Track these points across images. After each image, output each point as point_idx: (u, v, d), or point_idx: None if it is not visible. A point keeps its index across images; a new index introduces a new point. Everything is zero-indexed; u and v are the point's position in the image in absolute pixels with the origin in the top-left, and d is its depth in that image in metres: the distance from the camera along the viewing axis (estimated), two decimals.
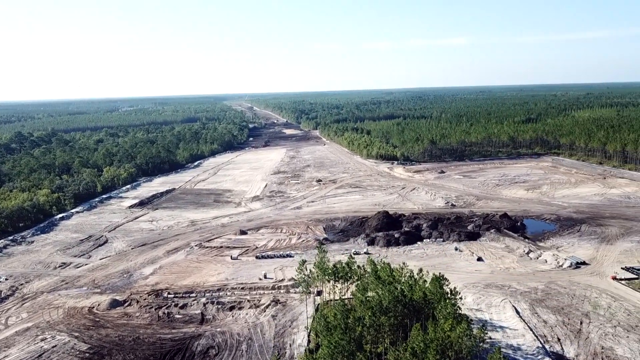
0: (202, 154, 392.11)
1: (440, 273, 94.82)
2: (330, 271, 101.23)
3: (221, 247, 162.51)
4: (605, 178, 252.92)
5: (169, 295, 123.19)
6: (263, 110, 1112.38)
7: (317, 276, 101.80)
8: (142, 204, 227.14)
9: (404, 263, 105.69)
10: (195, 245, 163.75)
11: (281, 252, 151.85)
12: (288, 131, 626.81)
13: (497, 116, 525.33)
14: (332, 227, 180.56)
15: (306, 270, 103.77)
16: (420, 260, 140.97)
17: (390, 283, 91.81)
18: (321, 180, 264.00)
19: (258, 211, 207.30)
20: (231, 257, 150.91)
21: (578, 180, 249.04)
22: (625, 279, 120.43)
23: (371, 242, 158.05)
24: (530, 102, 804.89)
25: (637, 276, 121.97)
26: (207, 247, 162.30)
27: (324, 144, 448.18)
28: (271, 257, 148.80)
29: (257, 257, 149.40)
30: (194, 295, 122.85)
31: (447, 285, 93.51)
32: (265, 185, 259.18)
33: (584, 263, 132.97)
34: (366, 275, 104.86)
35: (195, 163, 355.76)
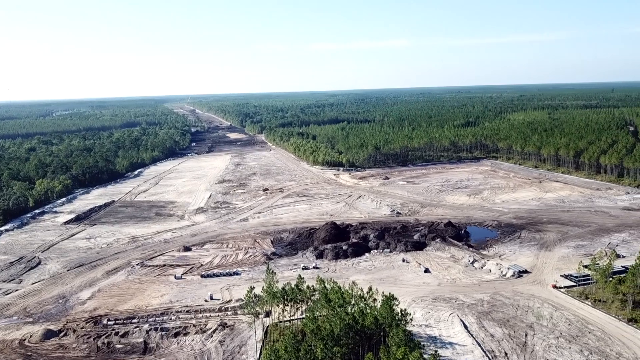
0: (142, 162, 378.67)
1: (390, 293, 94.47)
2: (279, 295, 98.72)
3: (164, 265, 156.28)
4: (541, 182, 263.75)
5: (109, 322, 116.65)
6: (206, 114, 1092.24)
7: (266, 301, 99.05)
8: (78, 219, 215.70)
9: (353, 282, 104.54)
10: (137, 265, 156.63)
11: (227, 270, 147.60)
12: (232, 135, 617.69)
13: (437, 120, 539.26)
14: (280, 240, 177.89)
15: (254, 297, 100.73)
16: (368, 273, 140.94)
17: (342, 306, 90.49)
18: (268, 189, 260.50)
19: (202, 224, 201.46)
20: (175, 276, 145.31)
21: (516, 185, 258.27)
22: (564, 287, 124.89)
23: (320, 255, 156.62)
24: (469, 104, 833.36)
25: (575, 283, 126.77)
26: (149, 266, 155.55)
27: (270, 150, 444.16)
28: (217, 276, 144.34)
29: (202, 276, 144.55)
30: (135, 321, 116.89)
31: (397, 305, 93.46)
32: (210, 196, 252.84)
33: (525, 271, 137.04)
34: (316, 294, 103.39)
35: (136, 172, 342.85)
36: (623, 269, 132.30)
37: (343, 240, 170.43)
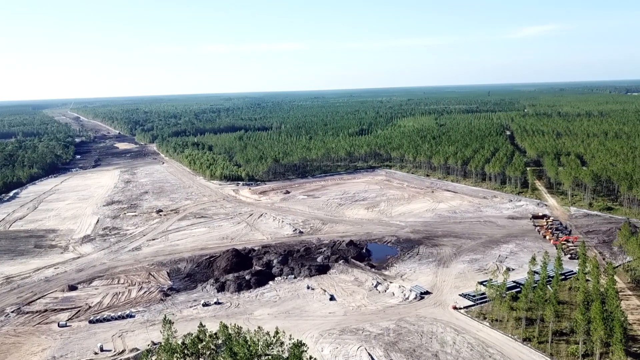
0: (19, 181, 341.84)
1: (298, 340, 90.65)
2: (179, 350, 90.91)
3: (46, 310, 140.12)
4: (433, 192, 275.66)
5: None
6: (92, 121, 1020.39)
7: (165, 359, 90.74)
8: None
9: (260, 327, 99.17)
10: (12, 312, 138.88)
11: (120, 313, 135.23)
12: (121, 146, 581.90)
13: (333, 128, 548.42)
14: (177, 271, 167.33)
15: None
16: (273, 306, 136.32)
17: (249, 359, 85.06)
18: (162, 211, 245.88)
19: (90, 256, 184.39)
20: (59, 323, 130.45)
21: (411, 195, 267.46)
22: (464, 308, 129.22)
23: (221, 288, 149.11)
24: (361, 110, 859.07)
25: (473, 303, 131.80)
26: (27, 313, 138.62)
27: (163, 163, 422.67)
28: (108, 320, 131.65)
29: (90, 322, 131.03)
30: None
31: (306, 350, 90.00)
32: (97, 221, 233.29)
33: (427, 292, 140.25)
34: (219, 341, 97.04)
35: (11, 194, 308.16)
36: (514, 284, 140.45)
37: (246, 268, 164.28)
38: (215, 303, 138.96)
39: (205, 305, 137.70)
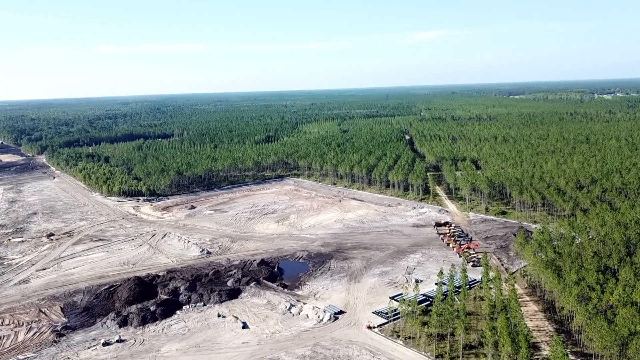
0: None
1: None
2: None
3: None
4: (340, 201, 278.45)
5: None
6: None
7: None
8: None
9: None
10: None
11: None
12: (4, 158, 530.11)
13: (239, 135, 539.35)
14: (72, 306, 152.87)
15: None
16: (182, 339, 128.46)
17: None
18: (53, 235, 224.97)
19: None
20: None
21: (320, 206, 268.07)
22: (378, 326, 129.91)
23: (123, 322, 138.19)
24: (266, 115, 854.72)
25: (386, 320, 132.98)
26: None
27: (54, 178, 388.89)
28: None
29: None
30: None
31: None
32: None
33: (341, 312, 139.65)
34: None
35: None
36: (424, 297, 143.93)
37: (150, 297, 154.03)
38: (118, 341, 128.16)
39: (105, 344, 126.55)
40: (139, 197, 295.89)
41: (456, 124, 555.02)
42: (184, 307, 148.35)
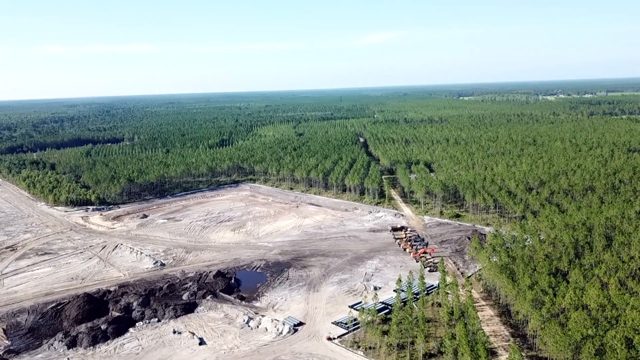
0: None
1: None
2: None
3: None
4: (298, 206, 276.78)
5: None
6: None
7: None
8: None
9: None
10: None
11: None
12: None
13: (192, 138, 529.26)
14: (16, 327, 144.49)
15: None
16: (136, 359, 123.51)
17: None
18: None
19: None
20: None
21: (277, 212, 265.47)
22: (338, 337, 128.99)
23: (72, 343, 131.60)
24: (220, 117, 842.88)
25: (346, 330, 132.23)
26: None
27: None
28: None
29: None
30: None
31: None
32: None
33: (300, 323, 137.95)
34: None
35: None
36: (383, 305, 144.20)
37: (101, 314, 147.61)
38: None
39: None
40: (88, 207, 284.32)
41: (409, 127, 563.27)
42: (137, 324, 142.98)
